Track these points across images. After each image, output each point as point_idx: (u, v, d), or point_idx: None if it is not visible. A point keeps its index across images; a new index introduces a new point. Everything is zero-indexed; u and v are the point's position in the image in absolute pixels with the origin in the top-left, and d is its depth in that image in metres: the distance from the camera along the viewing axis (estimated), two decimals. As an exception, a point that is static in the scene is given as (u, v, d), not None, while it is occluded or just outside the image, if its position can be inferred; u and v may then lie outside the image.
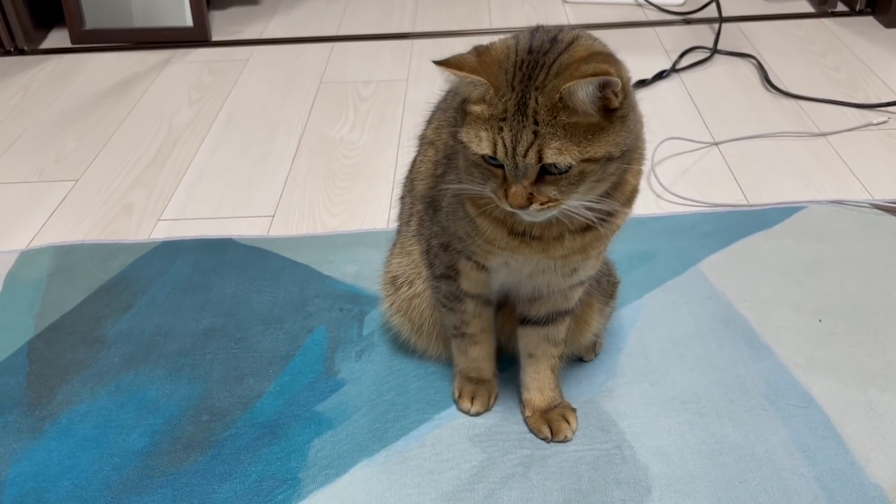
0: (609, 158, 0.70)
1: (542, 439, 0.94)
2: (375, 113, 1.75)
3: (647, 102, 1.74)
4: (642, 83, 1.79)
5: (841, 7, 2.15)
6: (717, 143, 1.56)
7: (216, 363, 1.07)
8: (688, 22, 2.14)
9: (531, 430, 0.96)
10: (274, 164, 1.57)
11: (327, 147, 1.63)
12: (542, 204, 0.70)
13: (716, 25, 2.03)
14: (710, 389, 1.00)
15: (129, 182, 1.53)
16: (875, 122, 1.60)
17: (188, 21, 2.14)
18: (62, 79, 1.98)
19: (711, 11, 2.11)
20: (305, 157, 1.60)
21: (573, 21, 2.19)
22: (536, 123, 0.67)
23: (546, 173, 0.69)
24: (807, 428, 0.94)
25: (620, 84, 0.67)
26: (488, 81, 0.68)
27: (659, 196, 1.41)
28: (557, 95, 0.66)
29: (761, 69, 1.83)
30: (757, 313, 1.12)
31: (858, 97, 1.70)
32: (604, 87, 0.66)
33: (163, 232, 1.37)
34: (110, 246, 1.32)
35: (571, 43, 0.71)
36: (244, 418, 0.99)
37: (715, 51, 1.92)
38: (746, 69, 1.86)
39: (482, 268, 0.87)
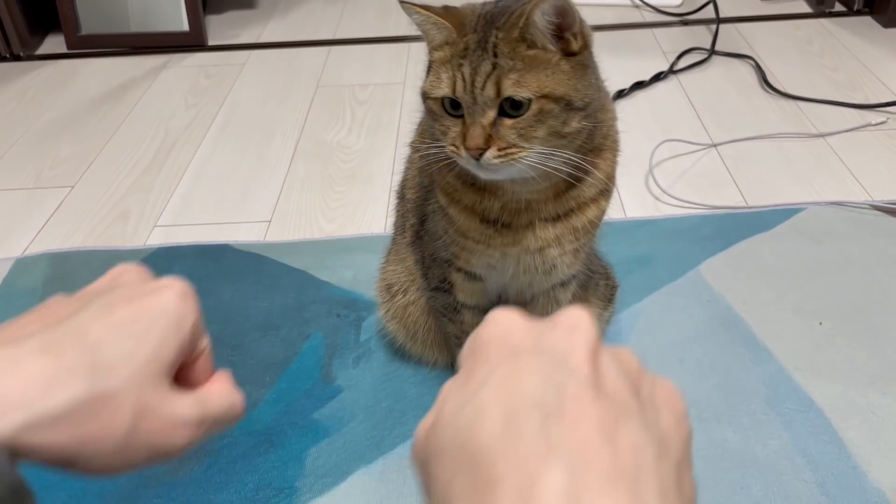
0: (569, 104, 0.68)
1: None
2: (372, 116, 1.75)
3: (644, 104, 1.76)
4: (640, 85, 1.78)
5: (839, 7, 2.14)
6: (715, 145, 1.55)
7: (212, 371, 1.06)
8: (685, 23, 2.13)
9: None
10: (270, 169, 1.57)
11: (324, 151, 1.62)
12: (500, 150, 0.68)
13: (713, 26, 2.02)
14: (710, 394, 0.99)
15: (125, 188, 1.52)
16: (874, 122, 1.59)
17: (185, 26, 2.13)
18: (58, 84, 1.98)
19: (709, 12, 2.10)
20: (302, 162, 1.59)
21: (570, 23, 2.18)
22: (496, 56, 0.67)
23: (505, 115, 0.68)
24: (808, 432, 0.93)
25: (578, 24, 0.68)
26: (450, 24, 0.69)
27: (657, 198, 1.40)
28: (517, 27, 0.66)
29: (759, 70, 1.82)
30: (757, 316, 1.11)
31: (857, 98, 1.70)
32: (558, 14, 0.66)
33: (159, 238, 1.37)
34: (106, 253, 1.31)
35: None
36: (240, 427, 0.98)
37: (713, 52, 1.92)
38: (744, 70, 1.86)
39: (474, 277, 0.86)
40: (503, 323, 0.39)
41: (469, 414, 0.34)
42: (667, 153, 1.52)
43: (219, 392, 0.50)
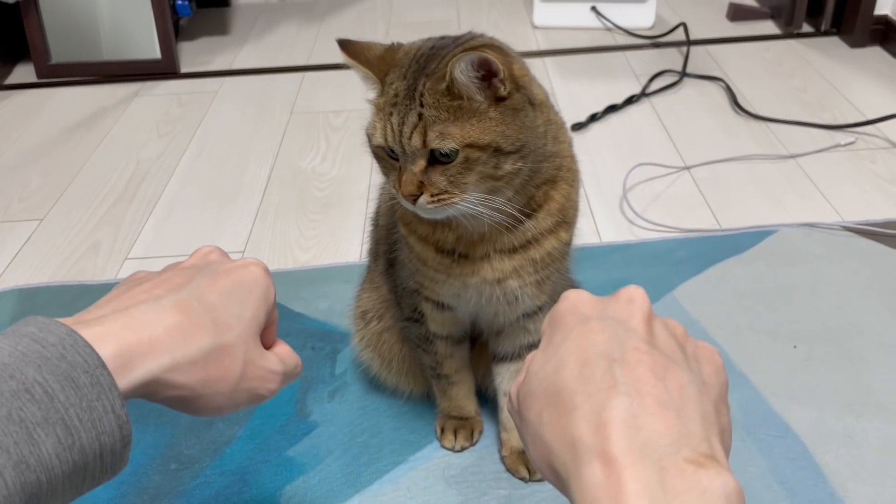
0: (498, 150, 0.69)
1: (520, 479, 0.92)
2: (347, 143, 1.74)
3: (618, 128, 1.77)
4: (613, 108, 1.79)
5: (806, 28, 2.18)
6: (688, 168, 1.56)
7: (184, 408, 1.04)
8: (657, 45, 2.16)
9: (508, 470, 0.94)
10: (244, 198, 1.55)
11: (299, 179, 1.61)
12: (432, 196, 0.69)
13: (684, 49, 2.05)
14: (687, 421, 0.99)
15: (95, 220, 1.50)
16: (843, 142, 1.62)
17: (157, 53, 2.12)
18: (27, 114, 1.95)
19: (680, 35, 2.13)
20: (276, 190, 1.58)
21: (543, 46, 2.20)
22: (422, 106, 0.68)
23: (437, 162, 0.69)
24: (785, 458, 0.93)
25: (504, 72, 0.67)
26: (373, 74, 0.71)
27: (632, 222, 1.40)
28: (444, 80, 0.67)
29: (730, 92, 1.85)
30: (732, 341, 1.11)
31: (826, 118, 1.72)
32: (481, 66, 0.66)
33: (130, 271, 1.35)
34: (75, 288, 1.29)
35: (470, 40, 0.72)
36: (213, 466, 0.96)
37: (684, 74, 1.94)
38: (715, 92, 1.88)
39: (442, 307, 0.86)
40: (573, 299, 0.49)
41: (552, 366, 0.45)
42: (640, 177, 1.53)
43: (289, 352, 0.62)
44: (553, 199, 0.77)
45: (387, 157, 0.73)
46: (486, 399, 1.01)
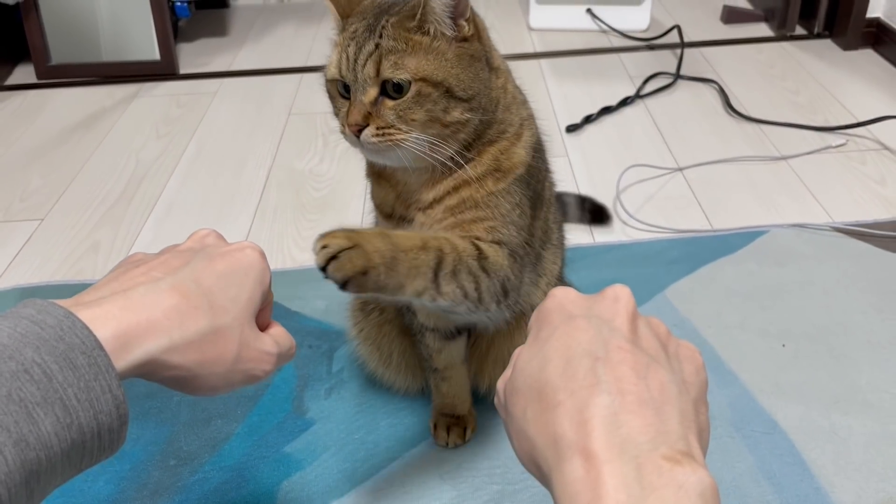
0: (449, 91, 0.71)
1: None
2: (345, 144, 1.73)
3: (612, 129, 1.79)
4: (608, 110, 1.81)
5: (799, 30, 2.20)
6: (681, 169, 1.58)
7: (183, 405, 1.06)
8: (651, 48, 2.18)
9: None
10: (242, 198, 1.57)
11: (296, 179, 1.63)
12: (378, 129, 0.70)
13: (678, 51, 2.07)
14: (677, 418, 1.00)
15: (95, 220, 1.52)
16: (834, 144, 1.64)
17: (156, 54, 2.14)
18: (27, 115, 1.97)
19: (674, 37, 2.15)
20: (274, 190, 1.60)
21: (539, 48, 2.22)
22: (381, 37, 0.70)
23: (388, 97, 0.71)
24: (772, 454, 0.95)
25: (471, 15, 0.72)
26: (336, 11, 0.75)
27: (625, 223, 1.42)
28: (415, 12, 0.70)
29: (723, 94, 1.87)
30: (722, 339, 1.13)
31: (818, 120, 1.74)
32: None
33: (130, 270, 1.36)
34: (76, 286, 1.31)
35: None
36: (212, 462, 0.98)
37: (678, 76, 1.96)
38: (709, 94, 1.90)
39: None
40: (560, 297, 0.51)
41: (537, 362, 0.46)
42: (634, 178, 1.55)
43: (283, 334, 0.63)
44: (488, 151, 0.78)
45: (339, 94, 0.74)
46: (480, 397, 1.03)
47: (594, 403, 0.41)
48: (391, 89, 0.70)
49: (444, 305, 0.74)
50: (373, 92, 0.70)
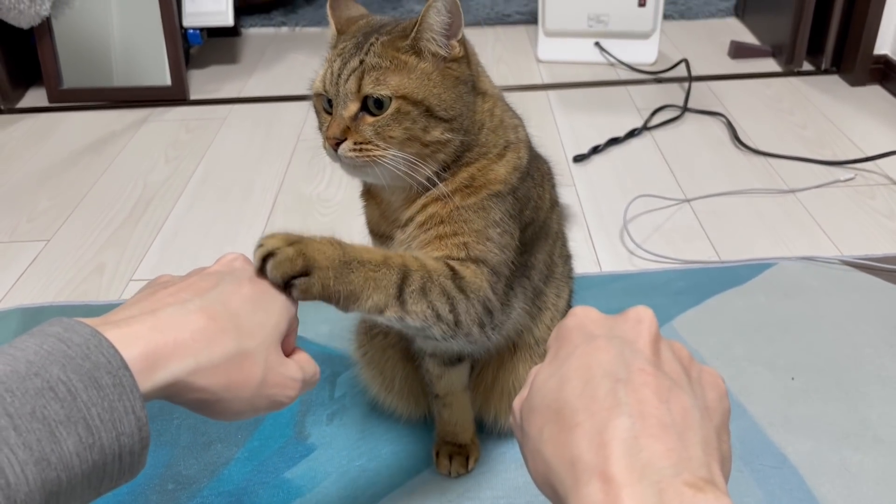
0: (429, 111, 0.71)
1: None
2: (351, 171, 1.76)
3: (619, 160, 1.79)
4: (615, 141, 1.82)
5: (807, 66, 2.21)
6: (688, 200, 1.58)
7: (183, 428, 1.05)
8: (659, 81, 2.19)
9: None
10: (249, 223, 1.57)
11: (303, 204, 1.63)
12: (356, 143, 0.70)
13: (686, 84, 2.08)
14: (684, 450, 0.99)
15: (101, 242, 1.52)
16: (842, 178, 1.63)
17: (167, 80, 2.16)
18: (38, 138, 1.98)
19: (681, 71, 2.16)
20: (281, 215, 1.60)
21: (547, 80, 2.23)
22: (366, 54, 0.71)
23: (368, 113, 0.71)
24: (782, 489, 0.93)
25: (462, 34, 0.72)
26: (334, 26, 0.76)
27: (632, 253, 1.42)
28: (409, 31, 0.71)
29: (731, 127, 1.87)
30: (730, 371, 1.12)
31: (826, 154, 1.74)
32: (451, 12, 0.70)
33: (134, 292, 1.36)
34: (79, 308, 1.30)
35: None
36: (211, 486, 0.96)
37: (685, 109, 1.97)
38: (716, 127, 1.90)
39: None
40: (581, 315, 0.50)
41: (555, 381, 0.45)
42: (641, 208, 1.55)
43: (308, 360, 0.62)
44: (464, 171, 0.76)
45: (323, 109, 0.75)
46: (486, 429, 1.01)
47: (614, 426, 0.40)
48: (372, 105, 0.70)
49: (415, 325, 0.69)
50: (353, 107, 0.71)
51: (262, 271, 0.61)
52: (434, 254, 0.75)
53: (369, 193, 0.84)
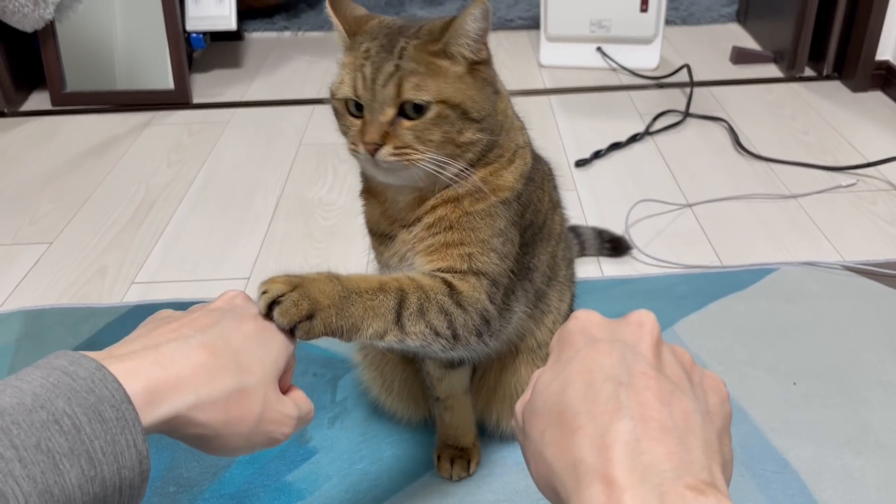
0: (465, 113, 0.72)
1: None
2: (354, 174, 1.74)
3: (621, 165, 1.80)
4: (617, 146, 1.82)
5: (809, 72, 2.21)
6: (690, 205, 1.58)
7: (185, 431, 1.05)
8: (661, 86, 2.19)
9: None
10: (251, 226, 1.57)
11: (305, 208, 1.64)
12: (395, 148, 0.70)
13: (688, 90, 2.08)
14: (686, 455, 0.99)
15: (103, 245, 1.52)
16: (844, 184, 1.63)
17: (170, 84, 2.16)
18: (41, 141, 1.99)
19: (683, 76, 2.16)
20: (283, 219, 1.60)
21: (549, 85, 2.24)
22: (400, 58, 0.70)
23: (405, 117, 0.71)
24: (783, 494, 0.93)
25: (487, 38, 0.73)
26: (343, 29, 0.74)
27: (634, 258, 1.42)
28: (442, 34, 0.71)
29: (732, 132, 1.87)
30: (732, 376, 1.12)
31: (828, 160, 1.74)
32: (485, 18, 0.71)
33: (136, 295, 1.36)
34: (81, 310, 1.30)
35: (435, 21, 0.76)
36: (212, 489, 0.96)
37: (687, 114, 1.97)
38: (718, 132, 1.91)
39: None
40: (584, 319, 0.50)
41: (557, 384, 0.45)
42: (643, 213, 1.55)
43: (304, 398, 0.64)
44: (480, 171, 0.77)
45: (348, 112, 0.74)
46: (487, 433, 1.01)
47: (616, 429, 0.40)
48: (410, 110, 0.71)
49: (414, 346, 0.71)
50: (391, 112, 0.71)
51: (268, 316, 0.62)
52: (438, 264, 0.76)
53: (370, 192, 0.84)
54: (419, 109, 0.71)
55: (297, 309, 0.63)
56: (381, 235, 0.82)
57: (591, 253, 1.40)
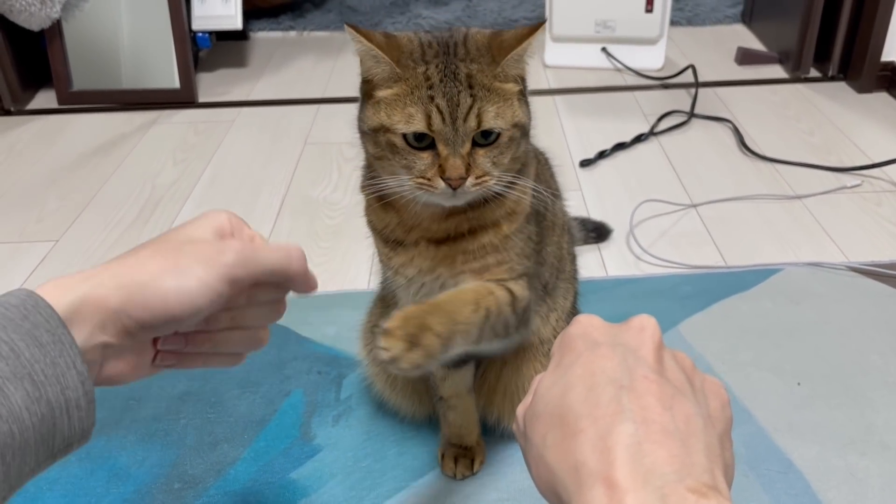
0: (524, 131, 0.74)
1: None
2: (359, 174, 1.76)
3: (626, 165, 1.79)
4: (621, 146, 1.82)
5: (814, 73, 2.21)
6: (695, 206, 1.58)
7: (190, 428, 1.05)
8: (665, 87, 2.19)
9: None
10: (256, 225, 1.55)
11: (310, 207, 1.64)
12: (477, 178, 0.71)
13: (693, 90, 2.08)
14: (690, 455, 0.99)
15: (109, 242, 1.53)
16: (849, 185, 1.63)
17: (176, 83, 2.17)
18: (47, 139, 1.99)
19: (688, 77, 2.16)
20: (288, 218, 1.60)
21: (554, 85, 2.24)
22: (471, 87, 0.69)
23: (476, 145, 0.71)
24: (787, 494, 0.93)
25: None
26: (391, 59, 0.70)
27: (638, 258, 1.42)
28: (494, 63, 0.70)
29: (737, 133, 1.87)
30: (736, 376, 1.12)
31: (832, 161, 1.74)
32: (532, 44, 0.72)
33: (142, 293, 1.36)
34: (88, 307, 1.31)
35: (468, 31, 0.75)
36: (217, 486, 0.96)
37: (692, 115, 1.97)
38: (723, 133, 1.91)
39: None
40: (585, 323, 0.50)
41: (559, 388, 0.45)
42: (647, 213, 1.55)
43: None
44: (517, 187, 0.78)
45: (409, 147, 0.71)
46: (489, 430, 1.01)
47: (618, 431, 0.40)
48: (480, 137, 0.71)
49: (482, 350, 0.78)
50: (468, 145, 0.70)
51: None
52: (486, 278, 0.79)
53: (388, 204, 0.81)
54: (488, 135, 0.71)
55: (411, 364, 0.66)
56: (393, 242, 0.82)
57: (578, 242, 1.40)
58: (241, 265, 0.56)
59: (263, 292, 0.62)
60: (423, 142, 0.70)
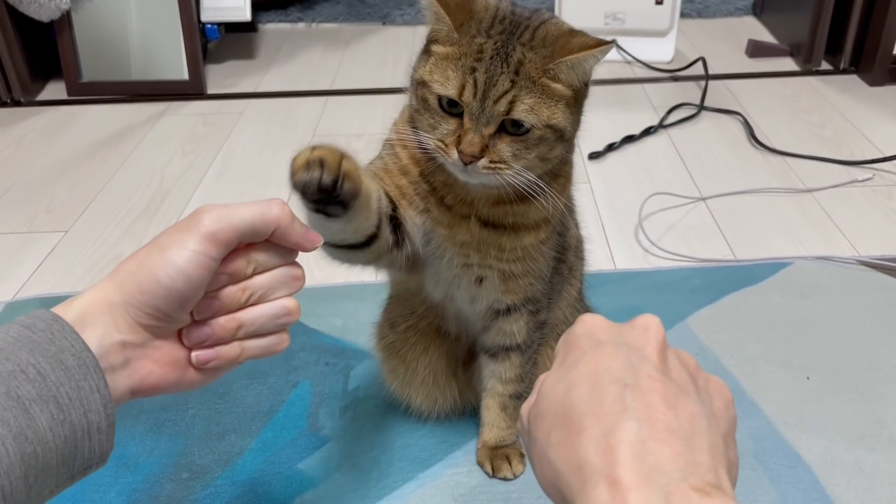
0: (561, 136, 0.71)
1: (486, 473, 0.96)
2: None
3: (635, 158, 1.79)
4: (630, 139, 1.81)
5: (825, 66, 2.19)
6: (704, 199, 1.57)
7: (198, 418, 1.06)
8: (675, 79, 2.18)
9: (477, 462, 0.97)
10: (264, 217, 1.57)
11: (318, 199, 1.64)
12: (491, 162, 0.69)
13: (703, 83, 2.07)
14: (697, 448, 0.99)
15: (118, 233, 1.53)
16: (860, 178, 1.62)
17: (185, 74, 2.17)
18: (56, 130, 2.00)
19: (698, 69, 2.15)
20: (296, 209, 1.59)
21: (563, 77, 2.23)
22: (517, 74, 0.67)
23: (504, 131, 0.69)
24: (796, 489, 0.93)
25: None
26: (450, 20, 0.69)
27: (647, 251, 1.41)
28: (550, 58, 0.67)
29: (747, 126, 1.86)
30: (744, 369, 1.11)
31: (843, 154, 1.73)
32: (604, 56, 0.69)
33: (150, 284, 1.37)
34: (96, 298, 1.31)
35: (548, 18, 0.72)
36: (224, 476, 0.97)
37: (702, 107, 1.96)
38: (733, 125, 1.89)
39: (413, 267, 0.85)
40: (589, 323, 0.50)
41: (563, 386, 0.45)
42: (656, 206, 1.54)
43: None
44: (553, 190, 0.76)
45: (440, 109, 0.70)
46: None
47: (622, 430, 0.40)
48: (510, 125, 0.69)
49: None
50: (493, 127, 0.68)
51: None
52: (512, 298, 0.83)
53: (440, 166, 0.76)
54: (518, 125, 0.68)
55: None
56: (434, 191, 0.78)
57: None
58: (216, 221, 0.57)
59: (263, 254, 0.62)
60: (454, 108, 0.69)
